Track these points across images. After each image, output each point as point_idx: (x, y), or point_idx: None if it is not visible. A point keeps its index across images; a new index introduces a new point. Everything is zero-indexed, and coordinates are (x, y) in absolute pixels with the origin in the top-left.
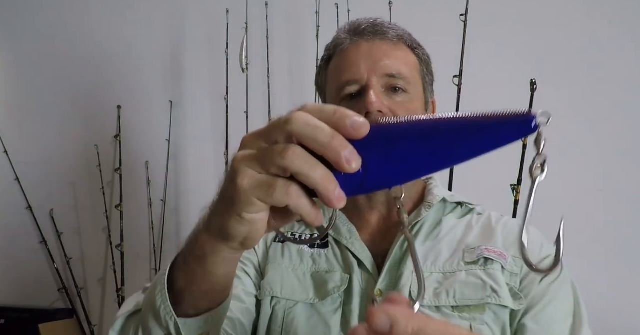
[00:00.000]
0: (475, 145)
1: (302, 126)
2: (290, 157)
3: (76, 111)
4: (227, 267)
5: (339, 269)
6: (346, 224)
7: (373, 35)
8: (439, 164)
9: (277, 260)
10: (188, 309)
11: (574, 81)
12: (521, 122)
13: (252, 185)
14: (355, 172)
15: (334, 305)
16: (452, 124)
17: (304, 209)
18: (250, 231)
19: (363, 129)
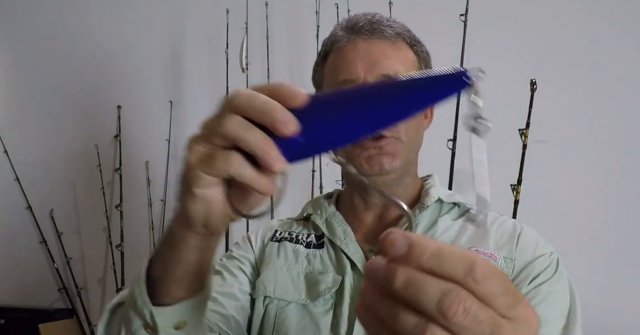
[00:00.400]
0: (412, 103)
1: (243, 98)
2: (228, 123)
3: (76, 111)
4: (199, 255)
5: (332, 270)
6: (342, 225)
7: (370, 33)
8: (378, 125)
9: (273, 260)
10: (164, 298)
11: (574, 81)
12: (454, 78)
13: (197, 160)
14: (295, 138)
15: (325, 307)
16: (388, 86)
17: (247, 176)
18: (207, 211)
19: (299, 97)
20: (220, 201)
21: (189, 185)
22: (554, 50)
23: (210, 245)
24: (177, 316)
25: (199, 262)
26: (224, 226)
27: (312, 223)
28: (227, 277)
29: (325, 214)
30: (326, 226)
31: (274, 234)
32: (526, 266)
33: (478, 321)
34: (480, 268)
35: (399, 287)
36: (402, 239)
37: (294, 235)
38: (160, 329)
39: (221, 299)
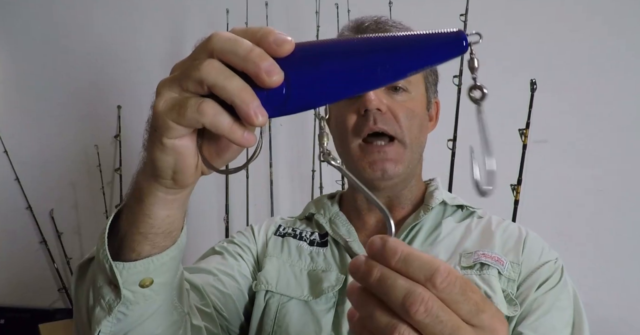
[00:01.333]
0: (405, 64)
1: (222, 41)
2: (206, 68)
3: (76, 111)
4: (166, 209)
5: (336, 268)
6: (345, 225)
7: (375, 32)
8: (367, 83)
9: (276, 254)
10: (130, 254)
11: (574, 81)
12: (452, 40)
13: (167, 107)
14: (278, 90)
15: (327, 305)
16: (381, 42)
17: (223, 126)
18: (176, 162)
19: (286, 45)
20: (192, 153)
21: (157, 135)
22: (554, 50)
23: (180, 199)
24: (142, 273)
25: (167, 217)
26: (194, 180)
27: (315, 222)
28: (228, 258)
29: (329, 214)
30: (330, 226)
31: (278, 229)
32: (532, 272)
33: (439, 321)
34: (441, 275)
35: (373, 282)
36: (378, 241)
37: (298, 232)
38: (123, 285)
39: (222, 277)
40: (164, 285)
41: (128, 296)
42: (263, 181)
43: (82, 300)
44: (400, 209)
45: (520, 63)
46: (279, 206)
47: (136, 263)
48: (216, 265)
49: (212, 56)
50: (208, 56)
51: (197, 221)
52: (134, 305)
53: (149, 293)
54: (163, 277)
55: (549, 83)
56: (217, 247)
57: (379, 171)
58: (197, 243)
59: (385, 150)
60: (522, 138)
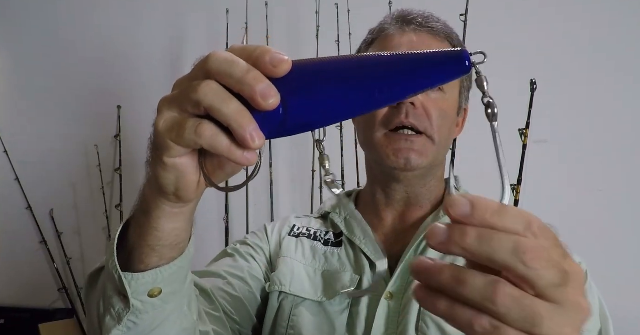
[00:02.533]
0: (403, 87)
1: (219, 62)
2: (203, 90)
3: (76, 111)
4: (173, 222)
5: (350, 269)
6: (361, 224)
7: (421, 26)
8: (365, 106)
9: (290, 255)
10: (138, 265)
11: (574, 81)
12: (454, 61)
13: (166, 127)
14: (275, 112)
15: (342, 306)
16: (380, 63)
17: (221, 148)
18: (178, 179)
19: (283, 66)
20: (193, 170)
21: (158, 153)
22: (554, 50)
23: (186, 212)
24: (150, 284)
25: (173, 230)
26: (198, 195)
27: (330, 221)
28: (239, 260)
29: (345, 213)
30: (345, 225)
31: (292, 229)
32: None
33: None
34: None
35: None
36: (464, 201)
37: (312, 232)
38: (132, 295)
39: (231, 280)
40: (172, 295)
41: (137, 306)
42: (263, 181)
43: (94, 309)
44: (418, 208)
45: (520, 63)
46: (279, 206)
47: (144, 274)
48: (226, 269)
49: (209, 77)
50: (206, 77)
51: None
52: (143, 315)
53: (158, 303)
54: (171, 287)
55: (549, 83)
56: (229, 249)
57: (403, 159)
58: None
59: (413, 139)
60: (522, 138)
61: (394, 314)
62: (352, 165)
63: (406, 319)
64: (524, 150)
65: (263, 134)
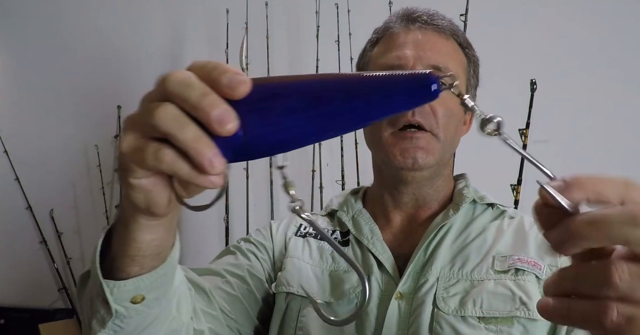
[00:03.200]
0: (368, 112)
1: (175, 85)
2: (159, 115)
3: (76, 111)
4: (151, 233)
5: None
6: (369, 223)
7: (426, 24)
8: (328, 131)
9: (297, 255)
10: (120, 273)
11: (574, 81)
12: (419, 86)
13: (129, 150)
14: (235, 135)
15: (350, 306)
16: (343, 86)
17: (182, 173)
18: (148, 198)
19: (242, 88)
20: (161, 188)
21: (124, 174)
22: (554, 50)
23: (164, 223)
24: (132, 291)
25: (152, 241)
26: (171, 210)
27: (337, 219)
28: (240, 258)
29: (352, 211)
30: (352, 224)
31: (299, 229)
32: None
33: None
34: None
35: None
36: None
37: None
38: (115, 301)
39: (230, 279)
40: (156, 300)
41: (121, 311)
42: (263, 181)
43: (84, 310)
44: (426, 209)
45: (520, 63)
46: (279, 206)
47: (126, 282)
48: (226, 267)
49: (168, 99)
50: (164, 99)
51: (197, 221)
52: (128, 319)
53: (141, 308)
54: (155, 293)
55: (549, 83)
56: (232, 247)
57: (410, 159)
58: (197, 243)
59: (417, 136)
60: (522, 138)
61: (405, 315)
62: (352, 165)
63: (418, 320)
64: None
65: (224, 159)
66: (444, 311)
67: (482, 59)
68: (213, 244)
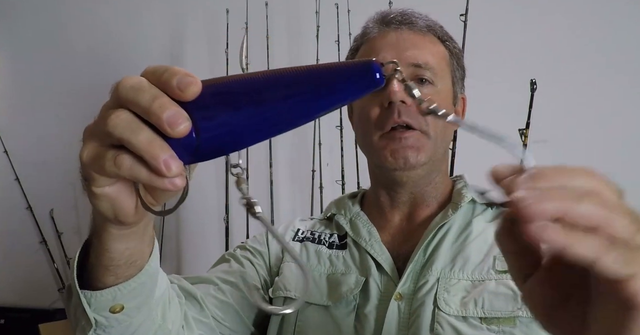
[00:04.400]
0: (317, 103)
1: (127, 90)
2: (112, 121)
3: (76, 111)
4: (122, 242)
5: (355, 271)
6: (366, 225)
7: (401, 24)
8: (281, 126)
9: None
10: (97, 283)
11: (574, 81)
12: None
13: (89, 159)
14: (188, 136)
15: (347, 309)
16: (289, 80)
17: (141, 177)
18: (113, 206)
19: (191, 88)
20: (127, 195)
21: (87, 184)
22: (554, 50)
23: (136, 232)
24: (110, 301)
25: (125, 250)
26: (141, 216)
27: (335, 223)
28: (234, 265)
29: (350, 214)
30: (350, 226)
31: (296, 234)
32: None
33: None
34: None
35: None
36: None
37: (317, 236)
38: (94, 311)
39: (223, 286)
40: (137, 309)
41: (101, 321)
42: (263, 181)
43: (71, 320)
44: (425, 207)
45: (520, 63)
46: (279, 206)
47: (102, 292)
48: (219, 274)
49: (121, 105)
50: (117, 105)
51: (197, 221)
52: (109, 329)
53: (122, 318)
54: (134, 301)
55: (549, 83)
56: (227, 255)
57: (401, 159)
58: (197, 243)
59: (406, 136)
60: (522, 138)
61: (404, 316)
62: (352, 165)
63: (418, 321)
64: None
65: (180, 161)
66: (445, 312)
67: (482, 59)
68: (213, 244)
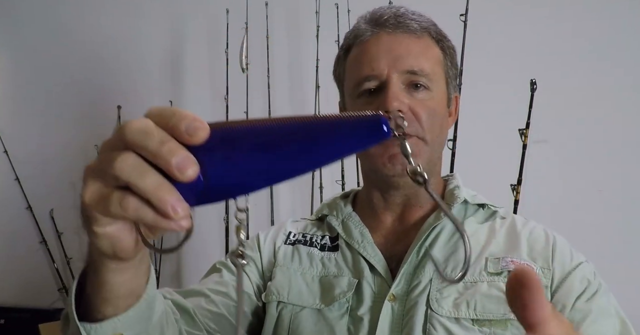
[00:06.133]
0: (323, 154)
1: (134, 133)
2: (119, 165)
3: (76, 111)
4: (121, 276)
5: (348, 273)
6: (358, 226)
7: (395, 27)
8: (288, 172)
9: (286, 264)
10: (96, 315)
11: (574, 81)
12: (371, 128)
13: (92, 200)
14: (196, 180)
15: (340, 311)
16: (297, 128)
17: (147, 219)
18: (113, 245)
19: (200, 134)
20: (127, 233)
21: (88, 223)
22: (554, 50)
23: (133, 264)
24: (110, 331)
25: (124, 282)
26: (138, 252)
27: (327, 224)
28: (225, 275)
29: (342, 215)
30: (342, 228)
31: (288, 237)
32: (566, 277)
33: None
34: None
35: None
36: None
37: (308, 238)
38: None
39: (214, 297)
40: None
41: None
42: None
43: None
44: (418, 208)
45: (520, 63)
46: (279, 206)
47: (102, 324)
48: (210, 286)
49: (127, 148)
50: (123, 147)
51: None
52: None
53: None
54: (134, 328)
55: (549, 83)
56: (218, 264)
57: (399, 165)
58: (197, 243)
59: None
60: (522, 138)
61: (398, 317)
62: (352, 165)
63: (411, 322)
64: (524, 150)
65: (187, 204)
66: (437, 313)
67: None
68: (213, 244)
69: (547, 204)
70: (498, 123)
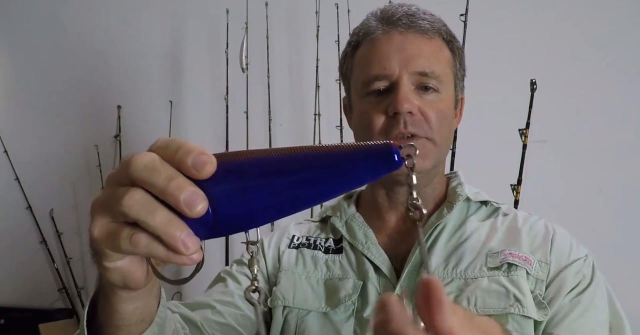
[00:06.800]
0: (335, 185)
1: (140, 170)
2: (127, 202)
3: (76, 111)
4: (132, 304)
5: (353, 275)
6: (362, 227)
7: (407, 26)
8: (299, 204)
9: (291, 268)
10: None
11: (574, 81)
12: (381, 157)
13: (101, 235)
14: (206, 214)
15: (346, 314)
16: (306, 160)
17: (158, 254)
18: (123, 278)
19: (207, 168)
20: (138, 266)
21: (98, 259)
22: (554, 50)
23: (144, 292)
24: None
25: (135, 309)
26: (149, 282)
27: (330, 226)
28: (230, 284)
29: (345, 216)
30: (346, 229)
31: (292, 240)
32: (561, 271)
33: None
34: None
35: None
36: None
37: (312, 241)
38: None
39: (220, 308)
40: None
41: None
42: None
43: None
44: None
45: (520, 63)
46: None
47: None
48: (216, 297)
49: (134, 184)
50: (130, 183)
51: None
52: None
53: None
54: None
55: (549, 83)
56: (223, 273)
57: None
58: None
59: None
60: (522, 138)
61: None
62: None
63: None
64: (524, 150)
65: (197, 238)
66: None
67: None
68: (213, 244)
69: (547, 204)
70: (498, 123)
